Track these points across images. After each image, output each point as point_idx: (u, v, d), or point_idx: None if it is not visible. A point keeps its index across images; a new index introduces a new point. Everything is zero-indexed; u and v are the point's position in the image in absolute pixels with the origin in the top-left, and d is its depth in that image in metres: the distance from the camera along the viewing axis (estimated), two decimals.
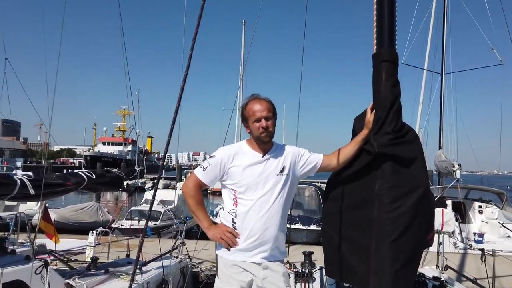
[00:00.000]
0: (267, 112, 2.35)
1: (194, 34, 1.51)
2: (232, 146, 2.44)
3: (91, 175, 5.15)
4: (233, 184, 2.35)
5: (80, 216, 15.31)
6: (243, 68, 28.65)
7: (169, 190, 24.20)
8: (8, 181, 3.93)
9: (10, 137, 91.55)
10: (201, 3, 1.75)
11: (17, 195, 4.10)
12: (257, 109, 2.34)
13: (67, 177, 4.80)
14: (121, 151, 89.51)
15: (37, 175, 4.36)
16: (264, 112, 2.34)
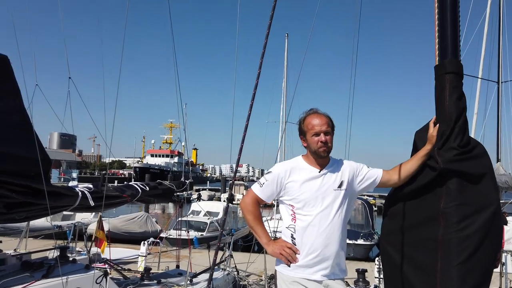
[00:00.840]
0: (326, 127, 2.33)
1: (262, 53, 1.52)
2: (289, 162, 2.43)
3: (145, 188, 5.33)
4: (291, 200, 2.33)
5: (131, 226, 15.90)
6: (286, 81, 28.67)
7: (214, 201, 24.55)
8: (71, 193, 4.14)
9: (67, 150, 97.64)
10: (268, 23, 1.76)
11: (78, 206, 4.31)
12: (316, 123, 2.33)
13: (123, 189, 4.99)
14: (168, 163, 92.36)
15: (96, 187, 4.57)
16: (324, 127, 2.32)
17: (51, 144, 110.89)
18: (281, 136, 27.53)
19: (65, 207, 4.10)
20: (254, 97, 1.63)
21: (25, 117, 3.70)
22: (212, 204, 19.03)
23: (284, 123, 27.17)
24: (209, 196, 43.47)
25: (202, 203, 20.25)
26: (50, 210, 4.05)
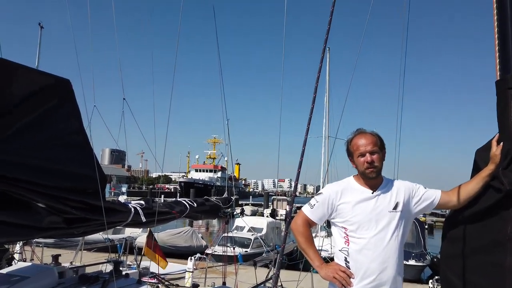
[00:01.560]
0: (372, 146, 2.26)
1: (316, 78, 1.52)
2: (340, 183, 2.38)
3: (193, 204, 5.44)
4: (343, 222, 2.27)
5: (176, 241, 16.21)
6: (328, 96, 28.38)
7: (258, 217, 24.50)
8: (124, 209, 4.31)
9: (117, 165, 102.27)
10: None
11: (131, 222, 4.47)
12: (362, 143, 2.28)
13: (172, 205, 5.12)
14: (211, 178, 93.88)
15: (147, 203, 4.72)
16: (369, 146, 2.26)
17: (103, 160, 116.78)
18: (323, 152, 27.15)
19: (119, 222, 4.27)
20: (310, 121, 1.60)
21: (84, 137, 3.93)
22: (256, 219, 19.00)
23: (327, 139, 26.82)
24: (252, 211, 43.49)
25: (246, 218, 20.28)
26: (106, 225, 4.23)
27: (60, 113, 3.71)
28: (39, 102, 3.56)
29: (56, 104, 3.66)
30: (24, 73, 3.47)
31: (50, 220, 3.55)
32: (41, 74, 3.61)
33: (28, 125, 3.52)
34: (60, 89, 3.69)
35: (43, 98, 3.57)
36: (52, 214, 3.57)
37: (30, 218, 3.43)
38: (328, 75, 29.27)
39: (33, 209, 3.50)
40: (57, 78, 3.68)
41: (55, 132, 3.71)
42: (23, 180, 3.41)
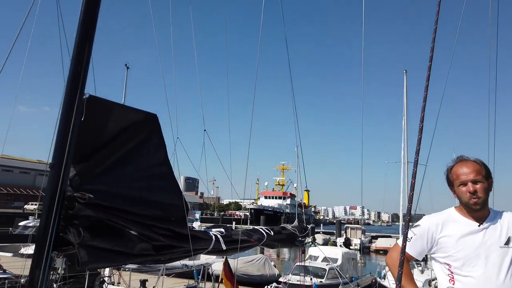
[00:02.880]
0: (475, 175, 2.07)
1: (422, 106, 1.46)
2: (439, 214, 2.21)
3: (270, 232, 5.43)
4: (446, 257, 2.08)
5: (249, 269, 16.19)
6: (406, 120, 27.04)
7: (332, 246, 23.67)
8: (207, 237, 4.43)
9: (190, 192, 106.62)
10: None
11: (212, 249, 4.57)
12: (463, 171, 2.10)
13: (250, 233, 5.16)
14: (280, 205, 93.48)
15: (227, 231, 4.80)
16: (471, 175, 2.07)
17: None
18: (402, 178, 25.65)
19: (202, 250, 4.39)
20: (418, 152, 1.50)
21: (169, 167, 4.16)
22: (330, 249, 18.35)
23: (406, 164, 25.37)
24: (324, 240, 42.15)
25: (320, 248, 19.70)
26: (188, 253, 4.37)
27: (148, 145, 3.99)
28: (131, 136, 3.87)
29: (145, 137, 3.95)
30: (119, 110, 3.81)
31: (141, 247, 3.76)
32: (132, 110, 3.93)
33: (121, 158, 3.83)
34: (148, 123, 3.99)
35: (134, 132, 3.88)
36: (143, 241, 3.78)
37: (124, 244, 3.67)
38: (406, 98, 28.07)
39: (126, 236, 3.74)
40: (146, 113, 3.99)
41: (144, 163, 3.99)
42: (118, 209, 3.68)
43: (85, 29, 3.59)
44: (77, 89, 3.50)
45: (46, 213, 3.34)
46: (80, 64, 3.54)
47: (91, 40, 3.65)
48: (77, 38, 3.57)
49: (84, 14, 3.61)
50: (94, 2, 3.65)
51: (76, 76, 3.52)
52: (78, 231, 3.41)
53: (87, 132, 3.59)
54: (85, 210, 3.46)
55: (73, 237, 3.40)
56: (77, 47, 3.56)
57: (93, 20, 3.65)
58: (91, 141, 3.65)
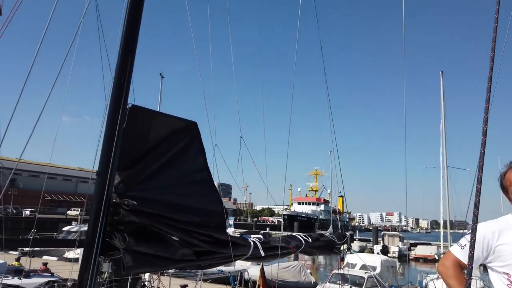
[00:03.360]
0: None
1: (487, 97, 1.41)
2: (495, 222, 2.11)
3: (308, 239, 5.37)
4: (504, 267, 1.98)
5: (285, 275, 16.06)
6: (444, 123, 26.05)
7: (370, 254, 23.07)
8: (245, 243, 4.45)
9: (224, 198, 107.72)
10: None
11: (250, 256, 4.58)
12: None
13: (288, 240, 5.12)
14: (314, 211, 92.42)
15: (265, 237, 4.80)
16: None
17: None
18: (442, 184, 24.66)
19: (241, 256, 4.41)
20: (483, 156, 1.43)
21: (208, 174, 4.22)
22: (368, 256, 17.85)
23: (446, 169, 24.40)
24: (360, 247, 41.15)
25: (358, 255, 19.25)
26: (228, 259, 4.40)
27: (188, 152, 4.08)
28: (172, 143, 3.97)
29: (185, 144, 4.04)
30: (160, 119, 3.92)
31: (183, 253, 3.83)
32: (173, 118, 4.03)
33: (163, 165, 3.93)
34: (189, 130, 4.08)
35: (175, 140, 3.98)
36: (184, 247, 3.85)
37: (167, 250, 3.75)
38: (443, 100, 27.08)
39: (168, 241, 3.82)
40: (186, 121, 4.08)
41: (184, 170, 4.08)
42: (160, 215, 3.78)
43: (127, 43, 3.74)
44: (121, 100, 3.64)
45: (93, 219, 3.48)
46: (123, 76, 3.68)
47: (133, 54, 3.80)
48: (120, 52, 3.72)
49: (126, 29, 3.76)
50: (136, 18, 3.80)
51: (120, 88, 3.67)
52: (123, 237, 3.53)
53: (131, 140, 3.72)
54: (130, 216, 3.58)
55: (118, 242, 3.52)
56: (120, 60, 3.71)
57: (134, 35, 3.80)
58: (135, 149, 3.78)
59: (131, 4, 3.79)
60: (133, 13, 3.78)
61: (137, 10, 3.80)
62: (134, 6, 3.79)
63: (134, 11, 3.78)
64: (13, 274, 6.19)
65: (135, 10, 3.78)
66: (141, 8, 3.83)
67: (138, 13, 3.81)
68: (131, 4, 3.79)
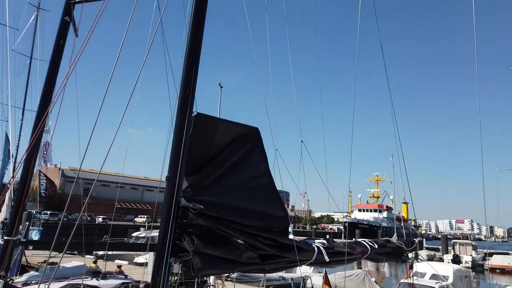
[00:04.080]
0: None
1: None
2: None
3: (374, 245, 5.20)
4: None
5: (348, 284, 15.56)
6: None
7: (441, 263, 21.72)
8: (309, 248, 4.42)
9: None
10: None
11: (314, 261, 4.53)
12: None
13: (353, 246, 5.00)
14: (376, 218, 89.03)
15: (329, 243, 4.73)
16: None
17: None
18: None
19: (304, 260, 4.39)
20: None
21: (271, 179, 4.27)
22: (439, 265, 16.76)
23: None
24: (428, 256, 38.78)
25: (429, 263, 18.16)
26: (292, 263, 4.39)
27: (251, 158, 4.16)
28: (235, 149, 4.08)
29: (248, 150, 4.14)
30: (224, 125, 4.05)
31: (248, 256, 3.90)
32: (236, 125, 4.15)
33: (227, 170, 4.05)
34: (251, 136, 4.17)
35: (238, 146, 4.09)
36: (249, 250, 3.92)
37: (233, 253, 3.84)
38: None
39: (233, 245, 3.92)
40: (248, 127, 4.18)
41: (247, 175, 4.17)
42: (226, 219, 3.89)
43: (191, 56, 3.93)
44: (186, 108, 3.83)
45: (164, 222, 3.67)
46: (188, 87, 3.87)
47: (197, 65, 3.98)
48: (185, 65, 3.91)
49: (190, 42, 3.96)
50: (198, 33, 3.99)
51: (185, 97, 3.85)
52: (192, 239, 3.68)
53: (197, 146, 3.89)
54: (197, 219, 3.72)
55: (187, 245, 3.68)
56: (185, 73, 3.90)
57: (197, 48, 3.99)
58: (201, 155, 3.94)
59: (194, 22, 3.98)
60: (195, 29, 3.97)
61: (199, 27, 3.99)
62: (196, 23, 3.98)
63: (197, 28, 3.98)
64: (91, 276, 6.70)
65: (198, 27, 3.98)
66: (202, 24, 4.02)
67: (200, 29, 4.00)
68: (194, 22, 3.98)
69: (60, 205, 55.72)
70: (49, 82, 6.68)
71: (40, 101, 6.67)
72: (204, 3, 4.01)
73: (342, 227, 76.37)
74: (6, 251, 5.75)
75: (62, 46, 6.77)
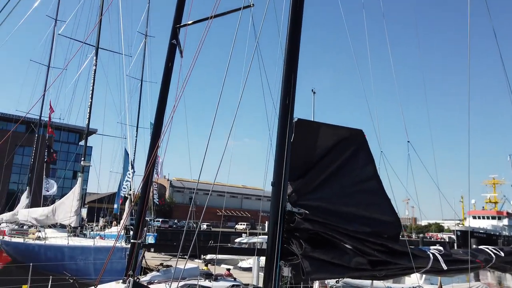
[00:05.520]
0: None
1: None
2: None
3: (499, 253, 4.67)
4: None
5: None
6: None
7: None
8: (424, 255, 4.14)
9: None
10: None
11: (430, 269, 4.23)
12: None
13: (474, 253, 4.55)
14: (495, 226, 79.17)
15: (445, 249, 4.38)
16: None
17: None
18: None
19: (419, 268, 4.12)
20: None
21: (379, 183, 4.11)
22: None
23: None
24: None
25: None
26: (405, 271, 4.16)
27: (356, 161, 4.07)
28: (339, 153, 4.03)
29: (352, 153, 4.05)
30: (326, 129, 4.04)
31: (357, 261, 3.81)
32: (338, 128, 4.11)
33: (332, 175, 4.02)
34: (355, 139, 4.08)
35: (342, 149, 4.03)
36: (358, 255, 3.82)
37: (341, 257, 3.79)
38: None
39: (341, 249, 3.86)
40: (352, 129, 4.10)
41: (353, 179, 4.08)
42: (332, 225, 3.85)
43: (289, 66, 4.02)
44: (287, 114, 3.92)
45: (272, 226, 3.78)
46: (288, 96, 3.96)
47: (295, 72, 4.05)
48: (284, 75, 4.02)
49: (288, 49, 4.06)
50: (296, 40, 4.07)
51: (286, 104, 3.95)
52: (300, 243, 3.72)
53: (299, 151, 3.94)
54: (304, 223, 3.76)
55: (296, 248, 3.73)
56: (285, 82, 3.99)
57: (295, 55, 4.06)
58: (304, 160, 3.98)
59: (291, 30, 4.07)
60: (293, 38, 4.06)
61: (296, 34, 4.07)
62: (293, 30, 4.07)
63: (294, 36, 4.06)
64: (204, 277, 7.19)
65: (295, 36, 4.06)
66: (299, 31, 4.09)
67: (297, 35, 4.08)
68: (291, 30, 4.07)
69: (169, 213, 60.84)
70: (161, 102, 7.41)
71: (155, 119, 7.43)
72: (300, 12, 4.09)
73: (453, 236, 69.51)
74: (133, 253, 6.50)
75: (171, 68, 7.49)
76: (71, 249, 15.21)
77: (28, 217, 20.71)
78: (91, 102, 19.49)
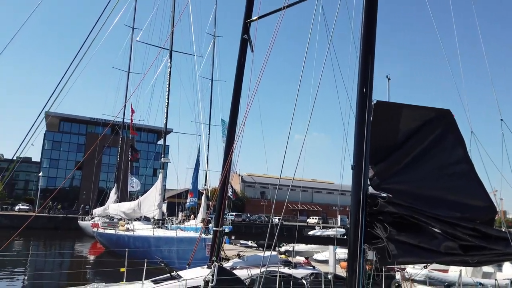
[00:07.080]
0: None
1: None
2: None
3: None
4: None
5: None
6: None
7: None
8: None
9: None
10: None
11: None
12: None
13: None
14: None
15: None
16: None
17: None
18: None
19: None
20: None
21: (470, 165, 3.88)
22: None
23: None
24: None
25: None
26: (501, 257, 3.90)
27: (444, 143, 3.88)
28: (424, 134, 3.88)
29: (439, 134, 3.87)
30: (409, 110, 3.91)
31: (447, 246, 3.65)
32: (423, 108, 3.95)
33: (416, 157, 3.89)
34: (442, 120, 3.89)
35: (427, 131, 3.87)
36: (448, 240, 3.66)
37: (429, 241, 3.66)
38: None
39: (429, 233, 3.72)
40: (437, 110, 3.92)
41: (440, 162, 3.90)
42: (417, 209, 3.72)
43: (366, 45, 3.94)
44: (366, 97, 3.85)
45: (354, 210, 3.76)
46: (365, 75, 3.88)
47: (373, 54, 3.95)
48: (361, 53, 3.95)
49: (365, 31, 3.99)
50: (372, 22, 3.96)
51: (364, 84, 3.87)
52: (384, 226, 3.66)
53: (380, 134, 3.86)
54: (387, 206, 3.69)
55: (380, 232, 3.68)
56: (362, 61, 3.93)
57: (372, 36, 3.97)
58: (385, 142, 3.90)
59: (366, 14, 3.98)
60: (369, 18, 3.96)
61: (373, 17, 3.96)
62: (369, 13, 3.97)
63: (370, 16, 3.96)
64: (283, 265, 7.34)
65: (371, 16, 3.96)
66: (375, 14, 3.97)
67: (374, 17, 3.97)
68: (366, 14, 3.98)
69: (241, 207, 62.37)
70: (235, 98, 7.65)
71: (230, 115, 7.68)
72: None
73: None
74: (216, 240, 6.86)
75: (243, 64, 7.66)
76: (157, 240, 16.41)
77: (117, 211, 22.74)
78: (168, 103, 20.71)
